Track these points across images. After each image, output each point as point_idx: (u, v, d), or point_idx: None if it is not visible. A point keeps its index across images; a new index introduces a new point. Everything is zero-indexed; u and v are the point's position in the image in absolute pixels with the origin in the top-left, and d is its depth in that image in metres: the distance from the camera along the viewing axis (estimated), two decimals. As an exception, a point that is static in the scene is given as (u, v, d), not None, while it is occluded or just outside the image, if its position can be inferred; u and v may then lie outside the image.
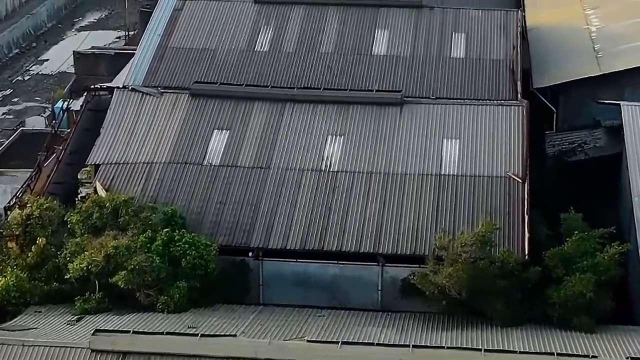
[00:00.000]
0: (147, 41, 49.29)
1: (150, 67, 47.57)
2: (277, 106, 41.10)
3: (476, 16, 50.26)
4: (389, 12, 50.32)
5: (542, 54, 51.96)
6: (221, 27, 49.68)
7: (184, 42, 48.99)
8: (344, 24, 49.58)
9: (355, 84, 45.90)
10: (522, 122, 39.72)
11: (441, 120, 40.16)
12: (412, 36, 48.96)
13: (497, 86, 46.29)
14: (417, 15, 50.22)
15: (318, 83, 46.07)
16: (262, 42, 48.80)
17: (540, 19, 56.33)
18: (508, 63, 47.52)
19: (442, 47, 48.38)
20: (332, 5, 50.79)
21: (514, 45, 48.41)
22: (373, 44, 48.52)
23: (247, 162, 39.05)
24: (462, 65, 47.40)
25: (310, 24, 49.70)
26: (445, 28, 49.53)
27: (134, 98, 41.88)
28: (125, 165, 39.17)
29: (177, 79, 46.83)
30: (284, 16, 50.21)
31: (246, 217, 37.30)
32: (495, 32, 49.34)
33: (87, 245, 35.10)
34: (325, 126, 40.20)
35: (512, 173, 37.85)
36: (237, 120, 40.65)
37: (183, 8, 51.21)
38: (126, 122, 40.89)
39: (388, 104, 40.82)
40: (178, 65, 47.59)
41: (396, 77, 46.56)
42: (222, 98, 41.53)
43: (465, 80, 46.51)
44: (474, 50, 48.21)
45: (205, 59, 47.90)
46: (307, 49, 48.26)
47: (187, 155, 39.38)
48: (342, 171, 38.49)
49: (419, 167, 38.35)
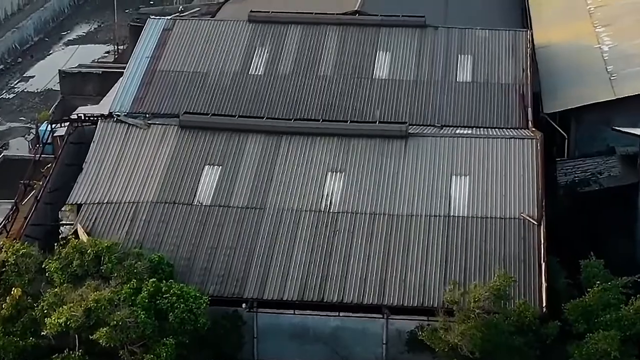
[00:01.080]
0: (135, 64, 46.68)
1: (138, 93, 45.02)
2: (272, 139, 38.29)
3: (483, 37, 47.60)
4: (391, 32, 47.67)
5: (552, 76, 49.30)
6: (213, 49, 47.08)
7: (174, 64, 46.38)
8: (343, 45, 46.98)
9: (356, 110, 43.43)
10: (536, 157, 36.96)
11: (449, 155, 37.34)
12: (416, 58, 46.34)
13: (506, 113, 43.71)
14: (421, 36, 47.56)
15: (316, 109, 43.60)
16: (257, 64, 46.19)
17: (549, 36, 53.66)
18: (517, 87, 44.94)
19: (448, 70, 45.77)
20: (330, 24, 48.20)
21: (523, 68, 45.81)
22: (374, 67, 45.91)
23: (240, 201, 36.23)
24: (469, 90, 44.81)
25: (308, 44, 47.11)
26: (451, 50, 46.88)
27: (119, 130, 39.05)
28: (109, 205, 36.36)
29: (166, 106, 44.28)
30: (280, 36, 47.61)
31: (239, 263, 34.54)
32: (503, 54, 46.70)
33: (67, 296, 32.30)
34: (325, 161, 37.39)
35: (526, 214, 35.07)
36: (229, 154, 37.82)
37: (173, 28, 48.59)
38: (110, 157, 38.05)
39: (392, 136, 38.01)
40: (167, 90, 45.03)
41: (399, 103, 44.00)
42: (213, 130, 38.71)
43: (472, 106, 43.93)
44: (481, 74, 45.58)
45: (196, 83, 45.33)
46: (305, 72, 45.68)
47: (175, 194, 36.55)
48: (343, 212, 35.68)
49: (426, 208, 35.56)
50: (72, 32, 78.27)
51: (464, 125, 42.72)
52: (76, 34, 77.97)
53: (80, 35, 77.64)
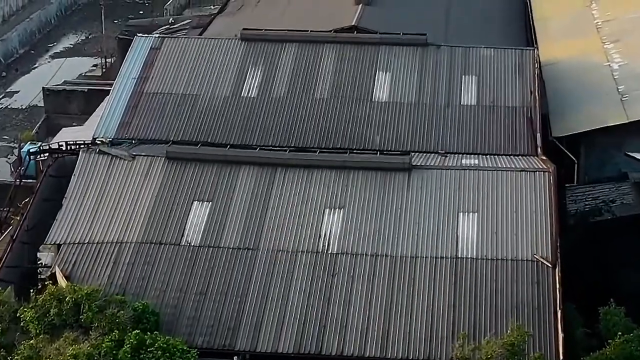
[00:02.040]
0: (121, 86, 44.12)
1: (124, 117, 42.50)
2: (266, 172, 35.67)
3: (488, 56, 45.08)
4: (391, 51, 45.12)
5: (560, 96, 46.78)
6: (204, 69, 44.53)
7: (162, 86, 43.85)
8: (340, 65, 44.45)
9: (355, 136, 40.95)
10: (549, 192, 34.40)
11: (456, 189, 34.76)
12: (417, 80, 43.81)
13: (513, 138, 41.23)
14: (422, 55, 45.02)
15: (312, 135, 41.11)
16: (249, 86, 43.66)
17: (555, 52, 51.13)
18: (525, 111, 42.47)
19: (451, 92, 43.27)
20: (327, 42, 45.63)
21: (531, 90, 43.30)
22: (374, 89, 43.40)
23: (231, 241, 33.59)
24: (474, 113, 42.32)
25: (304, 64, 44.56)
26: (454, 70, 44.35)
27: (101, 162, 36.43)
28: (90, 245, 33.73)
29: (154, 131, 41.78)
30: (274, 55, 45.06)
31: (230, 311, 31.91)
32: (509, 75, 44.20)
33: (43, 349, 29.73)
34: (323, 197, 34.77)
35: (540, 256, 32.52)
36: (220, 189, 35.20)
37: (161, 47, 46.01)
38: (92, 192, 35.41)
39: (394, 169, 35.40)
40: (155, 114, 42.49)
41: (400, 128, 41.49)
42: (203, 162, 36.09)
43: (477, 131, 41.45)
44: (486, 96, 43.08)
45: (186, 106, 42.79)
46: (300, 94, 43.15)
47: (162, 233, 33.91)
48: (343, 253, 33.07)
49: (431, 249, 32.96)
50: (59, 44, 75.50)
51: (470, 152, 40.26)
52: (63, 45, 75.20)
53: (67, 47, 74.85)
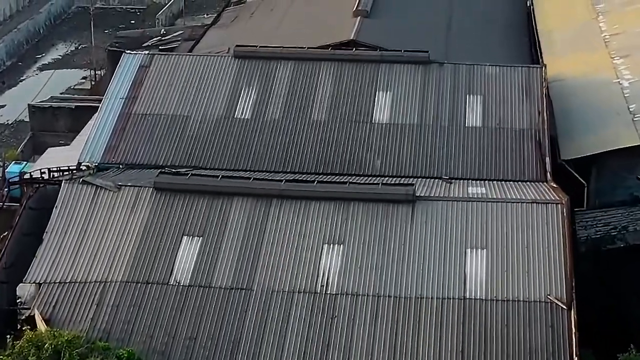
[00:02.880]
0: (108, 107, 42.02)
1: (111, 141, 40.51)
2: (260, 204, 33.42)
3: (493, 74, 42.96)
4: (392, 69, 43.01)
5: (569, 115, 44.70)
6: (195, 88, 42.44)
7: (151, 107, 41.77)
8: (339, 84, 42.34)
9: (354, 161, 39.05)
10: (563, 227, 32.17)
11: (463, 223, 32.51)
12: (420, 100, 41.72)
13: (521, 163, 39.19)
14: (425, 74, 42.90)
15: (309, 160, 39.17)
16: (243, 107, 41.58)
17: (562, 68, 49.00)
18: (533, 133, 40.39)
19: (455, 113, 41.19)
20: (325, 60, 43.47)
21: (539, 111, 41.21)
22: (374, 110, 41.32)
23: (223, 281, 31.31)
24: (480, 136, 40.24)
25: (300, 84, 42.46)
26: (458, 89, 42.26)
27: (85, 193, 34.14)
28: (72, 285, 31.42)
29: (142, 155, 39.79)
30: (270, 74, 42.94)
31: (223, 357, 29.52)
32: (516, 95, 42.10)
33: (20, 402, 27.59)
34: (321, 231, 32.52)
35: (554, 297, 30.32)
36: (211, 223, 32.94)
37: (151, 64, 43.87)
38: (75, 227, 33.11)
39: (397, 201, 33.19)
40: (143, 137, 40.44)
41: (402, 151, 39.47)
42: (193, 193, 33.81)
43: (483, 155, 39.41)
44: (492, 118, 40.99)
45: (176, 128, 40.74)
46: (297, 116, 41.08)
47: (149, 271, 31.61)
48: (342, 294, 30.78)
49: (437, 289, 30.72)
50: (48, 55, 73.25)
51: (475, 178, 38.26)
52: (52, 57, 72.93)
53: (56, 58, 72.60)
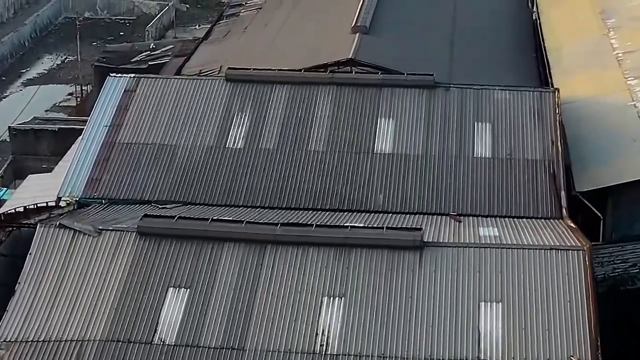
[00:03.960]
0: (90, 135, 39.21)
1: (93, 173, 37.71)
2: (253, 250, 30.49)
3: (503, 99, 40.15)
4: (394, 93, 40.22)
5: (582, 142, 41.84)
6: (184, 115, 39.65)
7: (137, 135, 38.99)
8: (338, 111, 39.56)
9: (354, 196, 36.24)
10: (585, 277, 29.33)
11: (476, 273, 29.61)
12: (425, 128, 38.91)
13: (535, 198, 36.39)
14: (430, 98, 40.10)
15: (306, 194, 36.41)
16: (235, 136, 38.80)
17: (573, 89, 46.09)
18: (547, 164, 37.58)
19: (463, 142, 38.39)
20: (323, 84, 40.64)
21: (552, 140, 38.40)
22: (375, 139, 38.54)
23: (213, 340, 28.30)
24: (489, 168, 37.43)
25: (297, 110, 39.67)
26: (466, 116, 39.46)
27: (62, 238, 31.17)
28: (46, 344, 28.41)
29: (127, 189, 37.04)
30: (264, 99, 40.15)
31: None
32: (528, 122, 39.31)
33: None
34: (320, 282, 29.60)
35: (577, 358, 27.45)
36: (199, 273, 29.98)
37: (137, 88, 41.02)
38: (51, 277, 30.13)
39: (404, 247, 30.32)
40: (128, 168, 37.68)
41: (406, 185, 36.69)
42: (180, 239, 30.90)
43: (494, 189, 36.60)
44: (503, 147, 38.20)
45: (163, 159, 37.99)
46: (293, 146, 38.32)
47: (131, 328, 28.59)
48: (344, 354, 27.80)
49: (449, 349, 27.78)
50: (33, 69, 70.30)
51: (486, 215, 35.47)
52: (37, 71, 69.97)
53: (41, 73, 69.64)
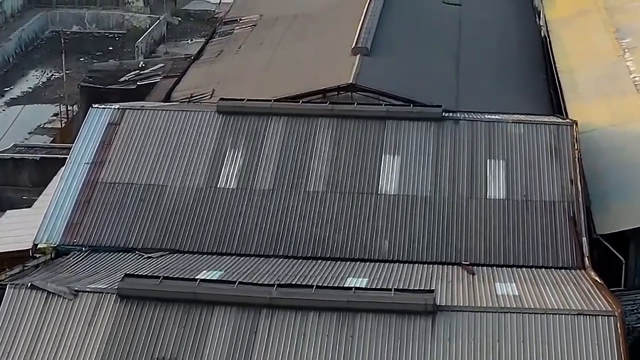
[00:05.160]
0: (71, 174, 36.19)
1: (73, 216, 34.74)
2: (247, 315, 27.32)
3: (517, 133, 37.14)
4: (400, 127, 37.23)
5: (602, 178, 38.78)
6: (172, 151, 36.70)
7: (121, 174, 35.99)
8: (339, 146, 36.61)
9: (356, 242, 33.33)
10: (617, 347, 26.30)
11: (494, 341, 26.52)
12: (433, 165, 35.93)
13: (554, 245, 33.42)
14: (438, 133, 37.11)
15: (304, 241, 33.50)
16: (228, 175, 35.86)
17: (589, 117, 43.04)
18: (566, 206, 34.56)
19: (475, 182, 35.39)
20: (323, 116, 37.61)
21: (571, 179, 35.37)
22: (380, 178, 35.56)
23: (201, 420, 25.43)
24: (504, 211, 34.46)
25: (294, 146, 36.72)
26: (477, 152, 36.45)
27: (34, 300, 28.00)
28: None
29: (109, 235, 34.06)
30: (258, 134, 37.17)
31: None
32: (544, 158, 36.30)
33: None
34: (321, 352, 26.42)
35: None
36: (187, 341, 26.79)
37: (121, 121, 37.96)
38: (21, 345, 26.93)
39: (414, 312, 27.23)
40: (111, 212, 34.70)
41: (413, 230, 33.79)
42: (165, 302, 27.79)
43: (509, 235, 33.65)
44: (518, 188, 35.19)
45: (150, 201, 35.05)
46: (290, 186, 35.39)
47: (109, 409, 25.71)
48: None
49: None
50: (17, 87, 67.14)
51: (501, 264, 32.51)
52: (21, 89, 66.81)
53: (25, 91, 66.48)
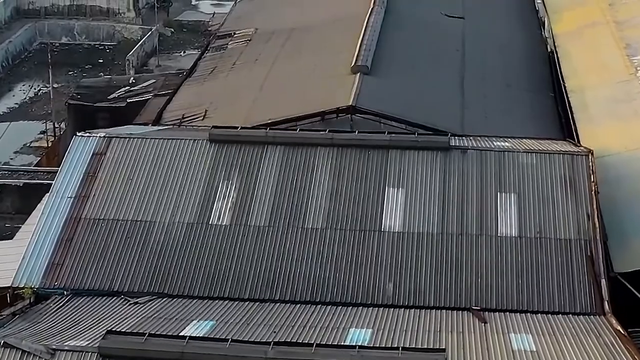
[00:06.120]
0: (52, 209, 33.80)
1: (53, 257, 32.45)
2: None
3: (529, 164, 34.73)
4: (404, 157, 34.86)
5: (617, 209, 36.30)
6: (161, 184, 34.38)
7: (106, 209, 33.64)
8: (339, 178, 34.28)
9: (358, 285, 31.04)
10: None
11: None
12: (440, 200, 33.59)
13: (570, 288, 31.14)
14: (445, 163, 34.72)
15: (302, 284, 31.23)
16: (220, 210, 33.53)
17: (602, 141, 40.60)
18: (583, 245, 32.18)
19: (485, 218, 33.03)
20: (321, 146, 35.23)
21: (588, 214, 32.99)
22: (383, 214, 33.21)
23: None
24: (516, 250, 32.14)
25: (292, 177, 34.39)
26: (487, 185, 34.06)
27: (8, 359, 25.78)
28: None
29: (92, 277, 31.75)
30: (254, 164, 34.83)
31: None
32: (559, 191, 33.94)
33: None
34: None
35: None
36: (174, 408, 24.64)
37: (107, 151, 35.56)
38: (-9, 412, 24.85)
39: (422, 374, 24.92)
40: (95, 251, 32.41)
41: (419, 271, 31.54)
42: (151, 362, 25.50)
43: (522, 277, 31.38)
44: (531, 224, 32.84)
45: (136, 239, 32.76)
46: (287, 222, 33.06)
47: None
48: None
49: None
50: (3, 102, 64.51)
51: (515, 310, 30.23)
52: (7, 105, 64.19)
53: (12, 107, 63.86)
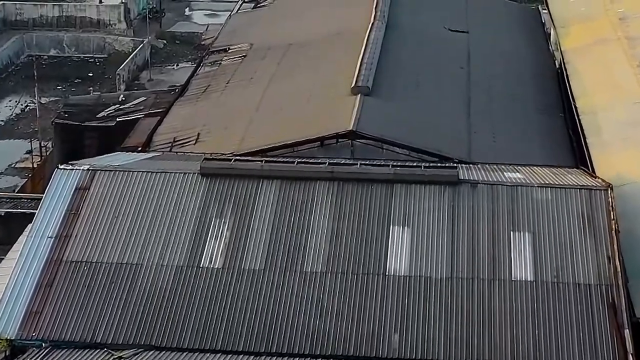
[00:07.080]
0: (31, 251, 31.41)
1: (31, 304, 30.16)
2: None
3: (543, 200, 32.37)
4: (410, 192, 32.55)
5: (637, 245, 33.98)
6: (148, 222, 32.08)
7: (89, 251, 31.42)
8: (340, 216, 31.99)
9: (361, 335, 28.62)
10: None
11: None
12: (449, 240, 31.28)
13: (591, 338, 28.81)
14: (454, 199, 32.35)
15: (300, 334, 29.04)
16: (212, 251, 31.31)
17: (618, 168, 38.20)
18: (604, 290, 29.86)
19: (497, 260, 30.73)
20: (321, 180, 32.87)
21: (609, 256, 30.62)
22: (387, 256, 30.94)
23: None
24: (532, 296, 29.88)
25: (289, 215, 32.10)
26: (499, 223, 31.73)
27: None
28: None
29: (74, 327, 29.42)
30: (248, 201, 32.54)
31: None
32: (576, 230, 31.59)
33: None
34: None
35: None
36: None
37: (91, 186, 33.18)
38: None
39: None
40: (76, 298, 30.20)
41: (428, 322, 29.27)
42: None
43: (539, 326, 29.08)
44: (547, 267, 30.53)
45: (122, 284, 30.54)
46: (284, 266, 30.75)
47: None
48: None
49: None
50: (-11, 119, 62.30)
51: (531, 362, 27.93)
52: (-7, 123, 61.96)
53: (-3, 125, 61.62)
